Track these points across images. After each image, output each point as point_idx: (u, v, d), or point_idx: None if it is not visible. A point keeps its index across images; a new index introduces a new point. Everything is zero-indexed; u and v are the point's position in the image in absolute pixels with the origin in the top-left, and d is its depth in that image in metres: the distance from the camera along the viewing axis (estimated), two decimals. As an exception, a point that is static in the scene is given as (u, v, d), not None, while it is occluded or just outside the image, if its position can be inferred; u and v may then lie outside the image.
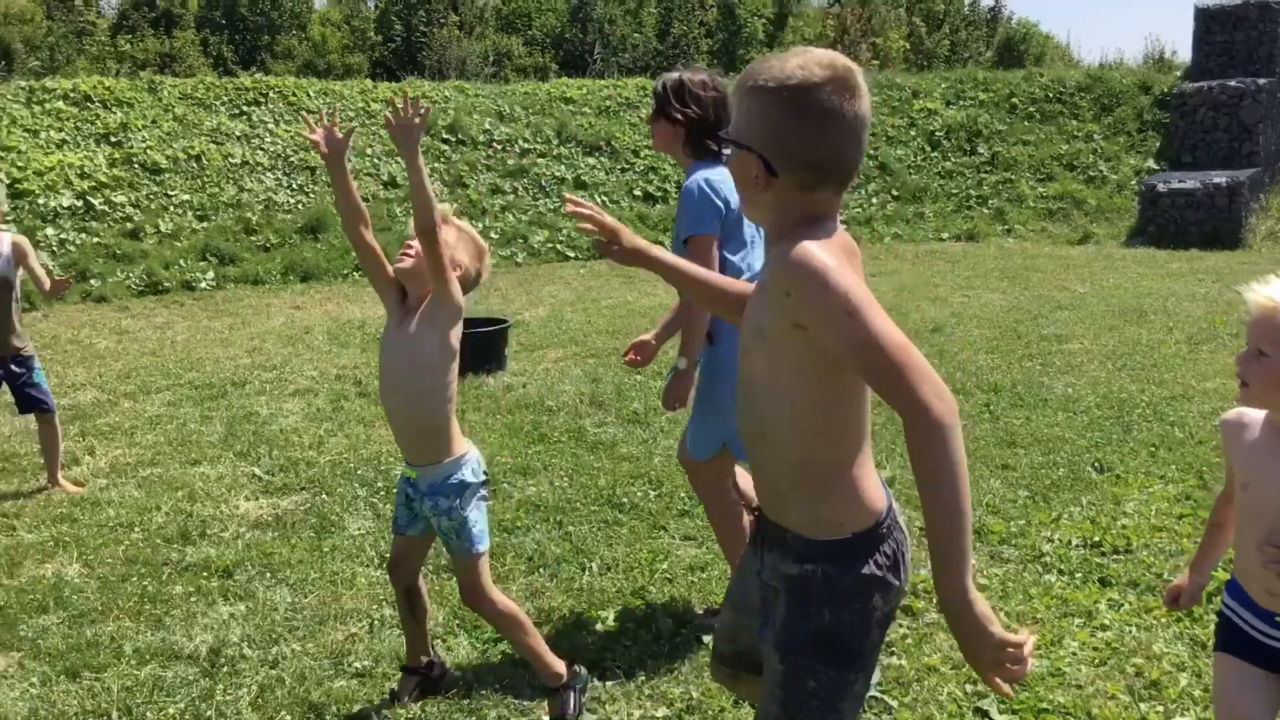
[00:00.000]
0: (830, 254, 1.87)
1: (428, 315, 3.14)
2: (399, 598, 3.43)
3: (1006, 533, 4.70)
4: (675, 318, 3.85)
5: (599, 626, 3.92)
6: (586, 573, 4.38)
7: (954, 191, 18.16)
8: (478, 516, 3.20)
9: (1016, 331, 9.14)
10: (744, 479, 3.82)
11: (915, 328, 9.21)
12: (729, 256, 3.63)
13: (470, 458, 3.22)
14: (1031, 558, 4.43)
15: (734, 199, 3.54)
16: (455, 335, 3.15)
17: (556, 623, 3.95)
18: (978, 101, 19.69)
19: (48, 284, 5.47)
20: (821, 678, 2.02)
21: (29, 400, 5.63)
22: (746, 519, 3.72)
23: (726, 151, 2.05)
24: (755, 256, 3.71)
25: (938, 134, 19.35)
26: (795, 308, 1.88)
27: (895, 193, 18.09)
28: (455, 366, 3.17)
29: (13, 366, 5.56)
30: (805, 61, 1.92)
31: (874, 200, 17.91)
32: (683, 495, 5.22)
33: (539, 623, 3.80)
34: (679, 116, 3.69)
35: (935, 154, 18.99)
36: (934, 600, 3.81)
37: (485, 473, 3.27)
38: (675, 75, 3.77)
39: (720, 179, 3.59)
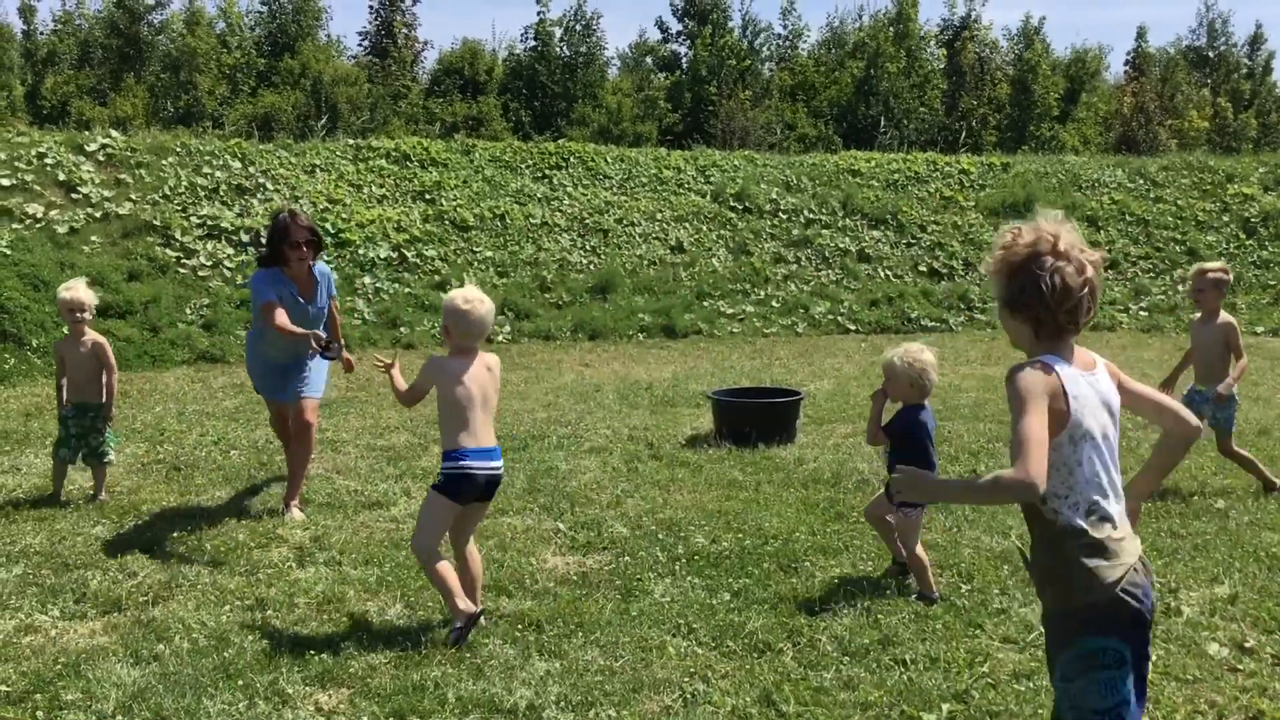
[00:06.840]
0: None
1: None
2: None
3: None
4: None
5: (918, 727, 3.74)
6: (901, 667, 4.20)
7: (1271, 283, 16.89)
8: None
9: (1359, 441, 8.31)
10: None
11: (1240, 429, 8.50)
12: None
13: None
14: None
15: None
16: None
17: (872, 717, 3.80)
18: (1302, 187, 18.35)
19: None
20: None
21: None
22: None
23: None
24: None
25: (1254, 221, 18.10)
26: None
27: (1204, 281, 16.96)
28: None
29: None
30: None
31: (1180, 288, 16.85)
32: (997, 591, 4.97)
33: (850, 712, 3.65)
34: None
35: (1251, 242, 17.75)
36: None
37: None
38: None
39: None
